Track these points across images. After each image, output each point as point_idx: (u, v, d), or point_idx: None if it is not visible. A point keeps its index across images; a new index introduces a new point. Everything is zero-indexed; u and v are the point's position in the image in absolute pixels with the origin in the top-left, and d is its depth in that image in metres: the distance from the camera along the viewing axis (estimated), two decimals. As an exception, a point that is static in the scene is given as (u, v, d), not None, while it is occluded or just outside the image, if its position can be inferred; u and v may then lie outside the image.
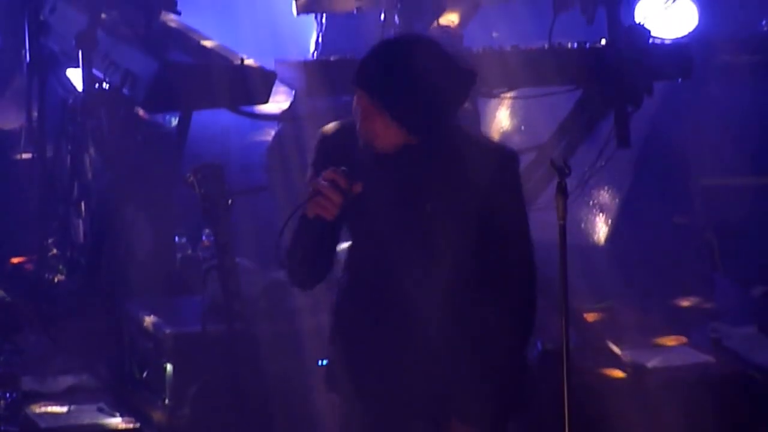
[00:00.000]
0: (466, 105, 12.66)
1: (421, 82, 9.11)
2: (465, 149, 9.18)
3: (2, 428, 11.69)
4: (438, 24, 13.58)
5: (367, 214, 9.19)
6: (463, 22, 13.49)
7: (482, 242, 9.13)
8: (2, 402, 11.73)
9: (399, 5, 13.70)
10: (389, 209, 9.16)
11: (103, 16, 12.96)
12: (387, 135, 8.99)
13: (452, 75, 9.21)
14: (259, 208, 13.41)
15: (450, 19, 13.40)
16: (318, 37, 14.62)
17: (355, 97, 9.10)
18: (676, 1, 12.71)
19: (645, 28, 13.04)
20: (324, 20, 15.40)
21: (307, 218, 9.02)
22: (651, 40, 12.99)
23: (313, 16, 15.34)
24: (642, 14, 13.38)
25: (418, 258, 9.15)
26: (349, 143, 9.19)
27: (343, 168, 8.91)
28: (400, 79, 9.11)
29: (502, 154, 9.23)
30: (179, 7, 13.50)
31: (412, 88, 9.08)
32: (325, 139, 9.33)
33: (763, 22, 14.35)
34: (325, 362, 9.54)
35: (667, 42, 13.15)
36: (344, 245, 9.41)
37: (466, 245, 9.18)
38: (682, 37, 13.97)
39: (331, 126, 9.42)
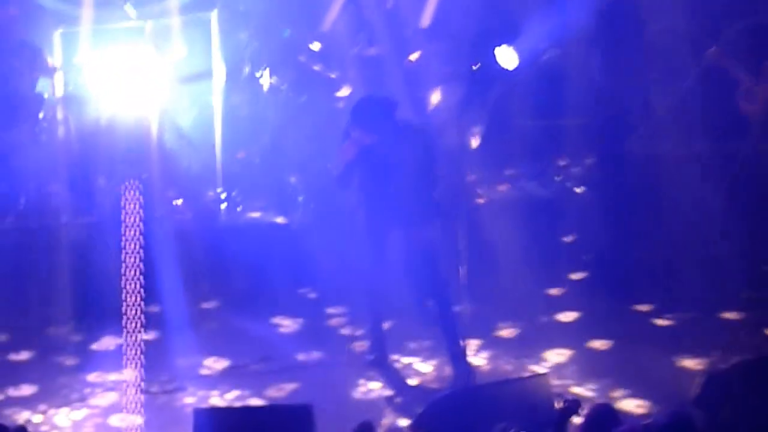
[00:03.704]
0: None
1: (370, 114, 9.35)
2: (407, 131, 9.45)
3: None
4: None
5: (370, 162, 9.38)
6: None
7: (428, 167, 9.45)
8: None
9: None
10: (382, 161, 9.35)
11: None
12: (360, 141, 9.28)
13: (384, 103, 9.46)
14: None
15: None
16: None
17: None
18: None
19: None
20: None
21: (342, 159, 9.49)
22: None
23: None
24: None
25: (396, 178, 9.33)
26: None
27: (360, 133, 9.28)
28: (359, 116, 9.34)
29: (423, 130, 9.73)
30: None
31: (367, 118, 9.32)
32: (354, 110, 9.52)
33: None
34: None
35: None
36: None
37: (422, 171, 9.42)
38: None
39: (360, 100, 9.70)
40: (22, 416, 8.99)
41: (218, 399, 9.32)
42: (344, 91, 12.22)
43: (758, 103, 10.57)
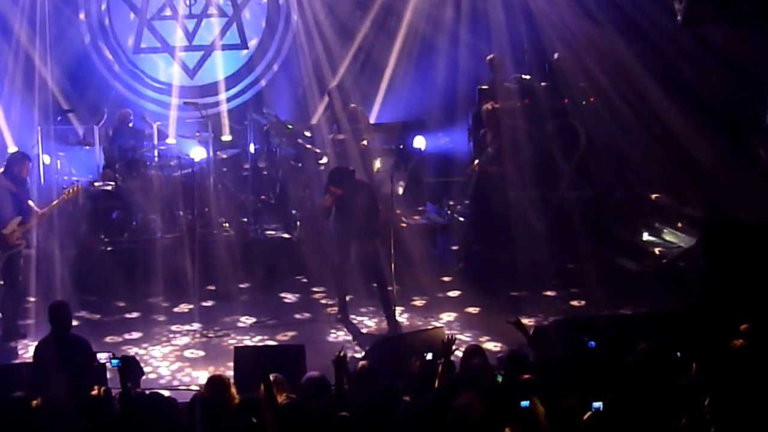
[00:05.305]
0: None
1: (339, 177, 9.00)
2: (360, 185, 9.32)
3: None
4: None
5: (340, 203, 9.13)
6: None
7: (373, 206, 9.22)
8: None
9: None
10: (347, 202, 9.11)
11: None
12: (335, 192, 9.08)
13: (346, 171, 9.28)
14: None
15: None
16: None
17: None
18: None
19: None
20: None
21: (325, 203, 9.17)
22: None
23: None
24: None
25: (355, 212, 9.08)
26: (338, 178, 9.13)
27: (334, 188, 9.00)
28: (334, 178, 9.10)
29: (369, 185, 9.63)
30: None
31: (338, 179, 9.09)
32: (330, 174, 9.27)
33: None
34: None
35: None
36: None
37: (370, 208, 9.20)
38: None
39: (333, 169, 9.39)
40: (132, 351, 8.83)
41: (249, 341, 9.11)
42: (324, 160, 11.72)
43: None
